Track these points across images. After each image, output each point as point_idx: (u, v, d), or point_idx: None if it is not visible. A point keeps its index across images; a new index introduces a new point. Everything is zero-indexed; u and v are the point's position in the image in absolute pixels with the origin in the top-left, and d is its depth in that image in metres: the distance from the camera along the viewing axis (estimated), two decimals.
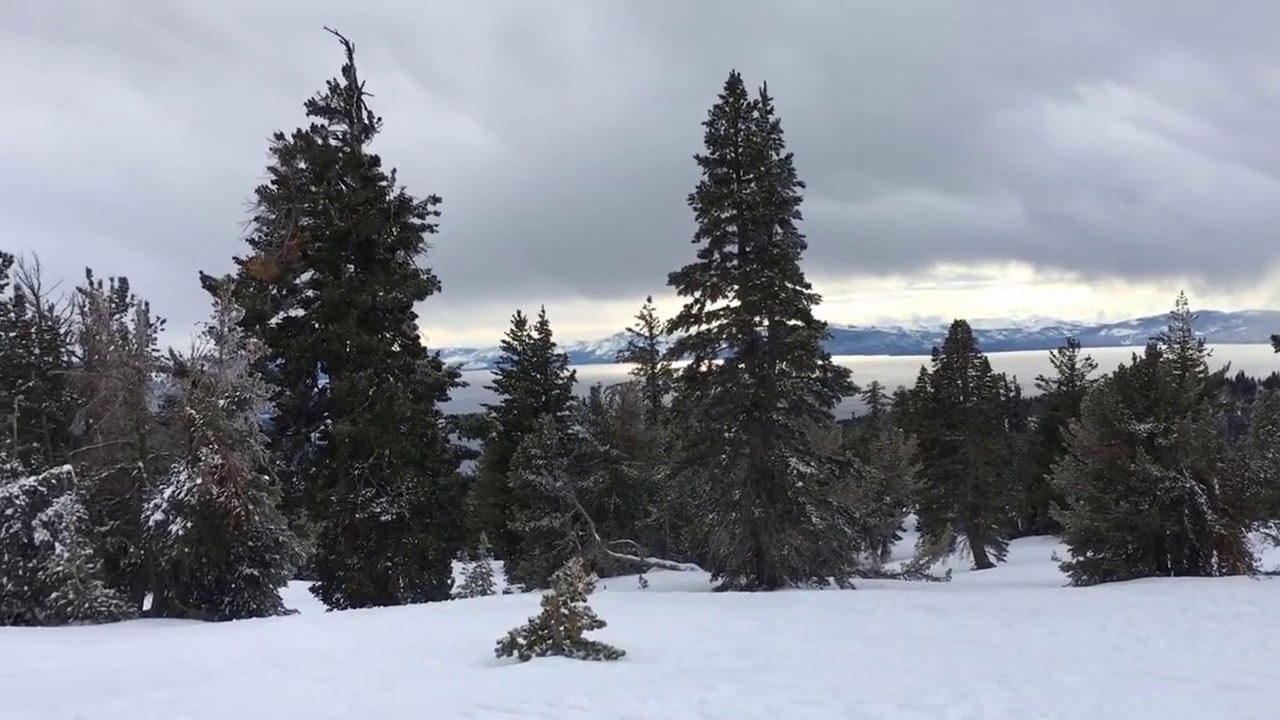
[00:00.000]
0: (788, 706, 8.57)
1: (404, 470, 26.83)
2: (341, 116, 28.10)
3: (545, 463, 32.82)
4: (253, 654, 12.75)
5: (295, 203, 27.34)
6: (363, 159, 28.03)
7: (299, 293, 28.21)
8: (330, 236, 27.38)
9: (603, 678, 10.08)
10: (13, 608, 18.79)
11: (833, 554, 23.66)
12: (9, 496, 18.87)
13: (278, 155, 27.61)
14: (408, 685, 10.26)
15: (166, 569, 20.56)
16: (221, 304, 22.09)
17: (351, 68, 28.08)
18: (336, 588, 27.04)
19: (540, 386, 43.76)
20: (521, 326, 44.58)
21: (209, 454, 19.83)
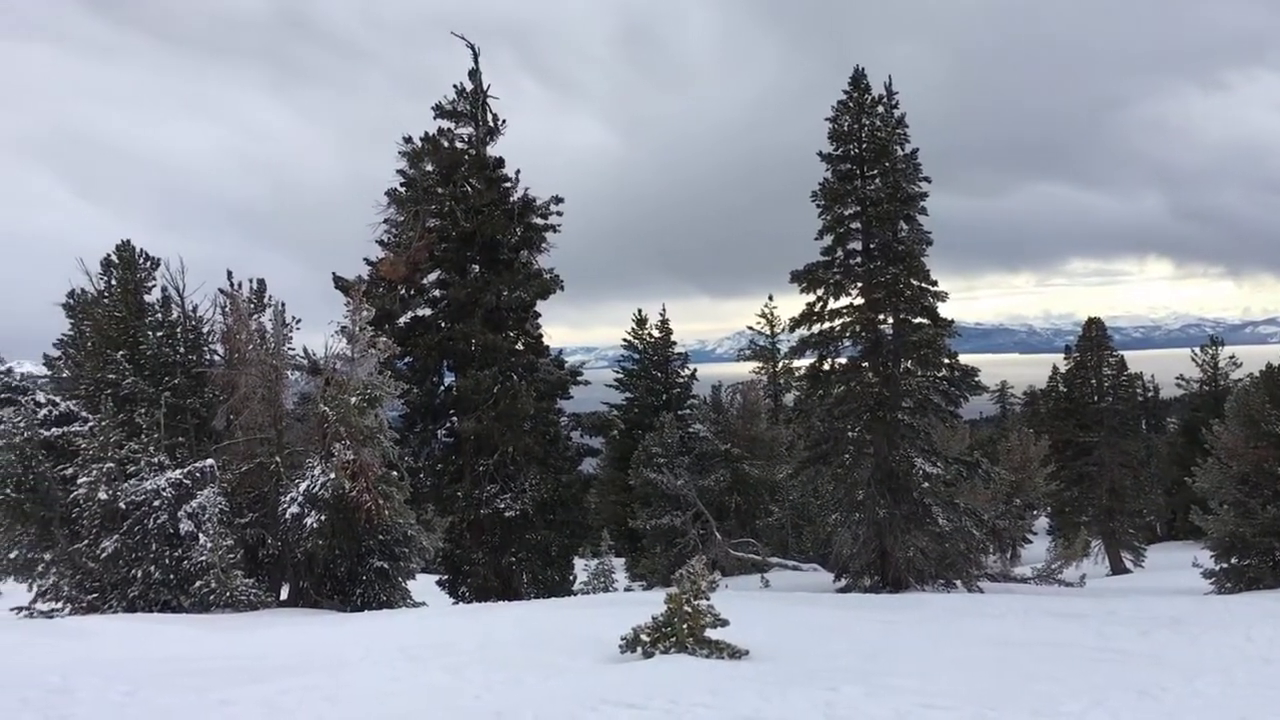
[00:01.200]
0: (915, 711, 8.41)
1: (527, 467, 27.18)
2: (467, 119, 28.63)
3: (666, 461, 32.88)
4: (384, 644, 13.07)
5: (423, 204, 27.97)
6: (487, 161, 28.50)
7: (426, 292, 28.83)
8: (456, 237, 27.91)
9: (726, 676, 10.04)
10: (160, 595, 19.67)
11: (960, 556, 23.14)
12: (157, 489, 19.73)
13: (406, 158, 28.29)
14: (534, 679, 10.38)
15: (302, 560, 21.24)
16: (353, 304, 22.70)
17: (477, 71, 28.58)
18: (462, 582, 27.58)
19: (661, 385, 43.85)
20: (642, 325, 44.74)
21: (341, 450, 20.40)
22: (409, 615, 18.98)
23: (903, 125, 23.33)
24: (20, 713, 8.92)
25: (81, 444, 20.88)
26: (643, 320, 44.86)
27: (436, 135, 28.40)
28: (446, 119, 28.60)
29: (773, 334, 51.34)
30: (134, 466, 20.29)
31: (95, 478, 19.91)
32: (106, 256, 25.46)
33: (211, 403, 24.08)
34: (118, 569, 19.73)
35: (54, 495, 20.80)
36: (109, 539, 19.67)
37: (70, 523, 20.58)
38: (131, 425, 21.40)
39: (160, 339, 24.07)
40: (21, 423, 21.40)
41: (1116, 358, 47.71)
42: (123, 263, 24.89)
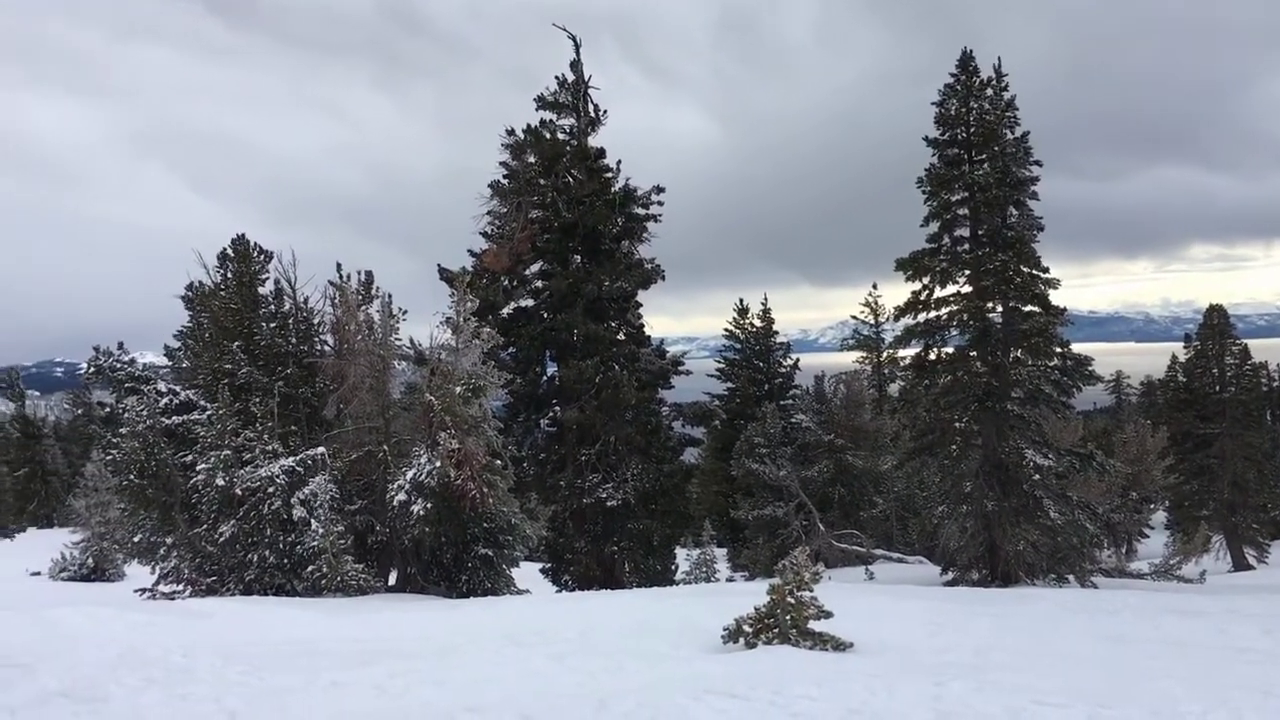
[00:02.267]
0: (1028, 708, 8.17)
1: (629, 457, 27.26)
2: (569, 111, 28.79)
3: (768, 451, 32.66)
4: (489, 631, 13.24)
5: (525, 196, 28.22)
6: (589, 151, 28.61)
7: (529, 283, 29.09)
8: (558, 228, 28.10)
9: (831, 668, 9.90)
10: (274, 578, 20.26)
11: (1073, 551, 22.49)
12: (271, 476, 20.30)
13: (509, 150, 28.58)
14: (636, 667, 10.39)
15: (409, 547, 21.65)
16: (457, 295, 23.02)
17: (578, 62, 28.71)
18: (565, 570, 27.81)
19: (763, 374, 43.57)
20: (744, 314, 44.50)
21: (447, 439, 20.71)
22: (513, 602, 19.19)
23: (1013, 108, 22.71)
24: (144, 690, 9.25)
25: (200, 432, 21.60)
26: (744, 309, 44.62)
27: (539, 127, 28.61)
28: (548, 110, 28.79)
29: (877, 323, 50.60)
30: (249, 454, 20.91)
31: (213, 464, 20.57)
32: (223, 250, 26.25)
33: (322, 392, 24.69)
34: (234, 553, 20.38)
35: (175, 481, 21.57)
36: (226, 524, 20.32)
37: (190, 508, 21.32)
38: (247, 414, 22.05)
39: (273, 330, 24.74)
40: (144, 411, 22.23)
41: (1240, 346, 45.82)
42: (238, 256, 25.64)
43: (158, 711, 8.48)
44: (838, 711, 8.03)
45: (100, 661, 10.49)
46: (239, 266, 25.52)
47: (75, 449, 65.39)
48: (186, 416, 23.23)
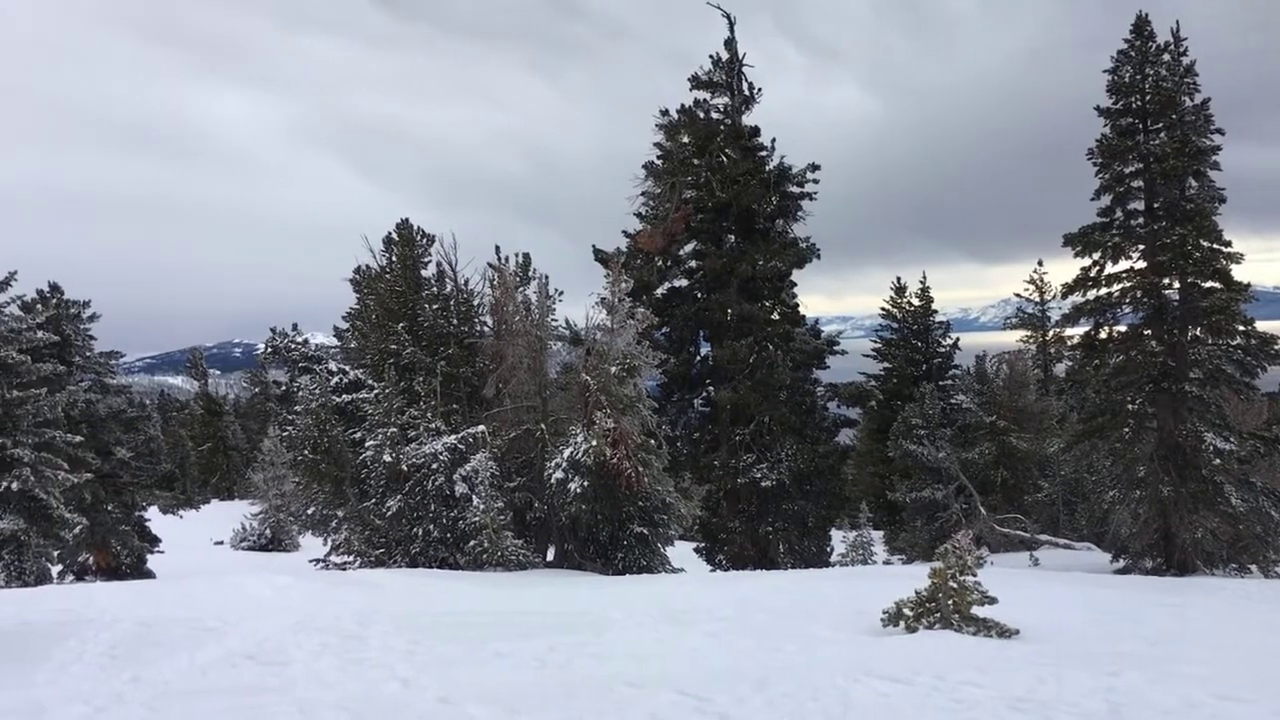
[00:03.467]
0: (1206, 701, 7.77)
1: (783, 437, 27.07)
2: (723, 90, 28.64)
3: (927, 433, 31.93)
4: (646, 607, 13.36)
5: (679, 176, 28.24)
6: (743, 130, 28.43)
7: (683, 263, 29.14)
8: (712, 208, 28.03)
9: (995, 655, 9.63)
10: (438, 552, 20.95)
11: (1256, 539, 21.29)
12: (434, 453, 20.96)
13: (663, 131, 28.64)
14: (794, 648, 10.32)
15: (566, 524, 22.05)
16: (612, 276, 23.26)
17: (733, 40, 28.52)
18: (719, 549, 27.85)
19: (921, 355, 42.55)
20: (901, 293, 43.51)
21: (603, 418, 20.97)
22: (669, 580, 19.33)
23: (1192, 74, 21.50)
24: (321, 655, 9.70)
25: (368, 409, 22.48)
26: (902, 288, 43.64)
27: (692, 107, 28.58)
28: (702, 90, 28.71)
29: (1042, 300, 48.79)
30: (414, 431, 21.64)
31: (381, 441, 21.38)
32: (388, 234, 27.17)
33: (482, 371, 25.35)
34: (401, 527, 21.14)
35: (345, 457, 22.51)
36: (393, 498, 21.10)
37: (359, 483, 22.22)
38: (411, 392, 22.82)
39: (436, 311, 25.51)
40: (316, 390, 23.24)
41: None
42: (402, 240, 26.49)
43: (335, 676, 8.87)
44: (1003, 699, 7.80)
45: (281, 627, 11.04)
46: (403, 250, 26.39)
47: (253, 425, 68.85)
48: (355, 395, 24.21)
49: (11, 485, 21.82)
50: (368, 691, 8.30)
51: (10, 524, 21.84)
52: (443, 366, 24.21)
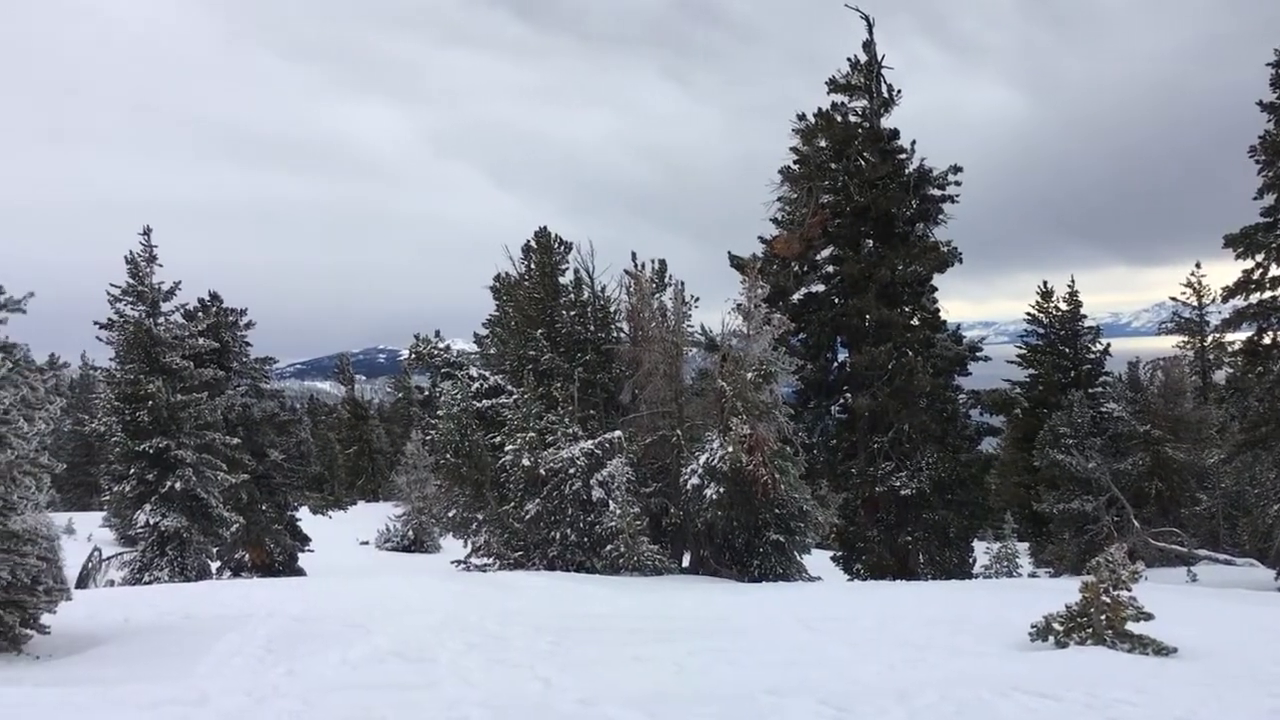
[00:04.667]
0: None
1: (924, 445, 26.51)
2: (861, 92, 28.26)
3: (1075, 442, 30.82)
4: (783, 615, 13.25)
5: (816, 181, 27.98)
6: (881, 133, 27.99)
7: (819, 269, 28.85)
8: (850, 212, 27.69)
9: (1152, 674, 9.22)
10: (575, 555, 21.18)
11: None
12: (572, 457, 21.20)
13: (799, 135, 28.41)
14: (936, 659, 10.10)
15: (701, 530, 22.03)
16: (748, 281, 23.14)
17: (871, 43, 28.12)
18: (856, 558, 27.42)
19: (1069, 361, 41.10)
20: (1048, 298, 42.11)
21: (739, 424, 20.88)
22: (806, 588, 19.14)
23: None
24: (465, 654, 9.90)
25: (507, 414, 22.89)
26: (1048, 292, 42.24)
27: (829, 110, 28.28)
28: (840, 93, 28.39)
29: (1200, 305, 46.60)
30: (552, 436, 21.93)
31: (519, 446, 21.74)
32: (526, 242, 27.66)
33: (618, 377, 25.57)
34: (539, 530, 21.45)
35: (485, 461, 22.97)
36: (531, 502, 21.43)
37: (499, 486, 22.65)
38: (549, 398, 23.14)
39: (573, 318, 25.84)
40: (458, 395, 23.79)
41: None
42: (540, 247, 26.94)
43: (479, 675, 9.06)
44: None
45: (426, 626, 11.33)
46: (541, 257, 26.82)
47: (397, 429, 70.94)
48: (495, 400, 24.70)
49: (175, 485, 22.97)
50: (510, 691, 8.45)
51: (174, 521, 22.99)
52: (580, 372, 24.49)
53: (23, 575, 10.57)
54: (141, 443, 23.13)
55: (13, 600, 10.59)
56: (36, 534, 10.98)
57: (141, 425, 23.26)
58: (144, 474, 23.36)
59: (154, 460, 23.27)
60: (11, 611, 10.62)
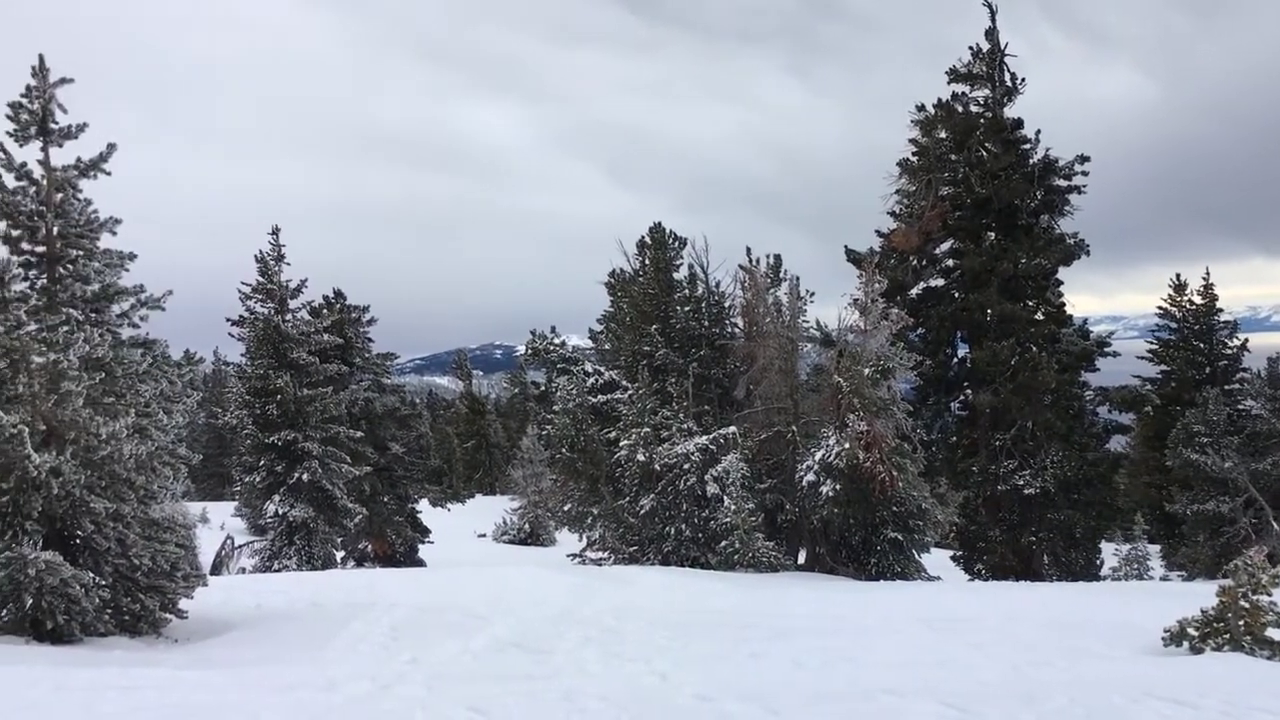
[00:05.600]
0: None
1: (1048, 443, 25.76)
2: (983, 81, 27.58)
3: (1211, 441, 29.56)
4: (901, 614, 13.03)
5: (935, 173, 27.42)
6: (1004, 123, 27.28)
7: (939, 262, 28.29)
8: (971, 204, 27.06)
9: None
10: (689, 551, 21.19)
11: None
12: (686, 453, 21.21)
13: (918, 127, 27.88)
14: (1063, 663, 9.80)
15: (818, 527, 21.82)
16: (865, 276, 22.83)
17: (994, 30, 27.41)
18: (977, 558, 26.80)
19: (1204, 356, 39.51)
20: (1181, 290, 40.56)
21: (855, 420, 20.63)
22: (925, 588, 18.80)
23: None
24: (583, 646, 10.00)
25: (622, 410, 23.03)
26: (1182, 285, 40.67)
27: (950, 100, 27.68)
28: (961, 83, 27.77)
29: None
30: (667, 431, 21.97)
31: (634, 441, 21.84)
32: (641, 238, 27.75)
33: (733, 373, 25.49)
34: (653, 525, 21.52)
35: (600, 456, 23.15)
36: (646, 497, 21.52)
37: (614, 481, 22.80)
38: (664, 393, 23.19)
39: (688, 313, 25.86)
40: (573, 390, 24.02)
41: None
42: (655, 243, 27.00)
43: (597, 668, 9.13)
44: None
45: (543, 618, 11.47)
46: (656, 253, 26.88)
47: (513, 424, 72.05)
48: (610, 395, 24.88)
49: (303, 476, 23.73)
50: (628, 684, 8.48)
51: (302, 512, 23.76)
52: (695, 368, 24.49)
53: (162, 562, 11.05)
54: (270, 435, 23.97)
55: (154, 585, 11.07)
56: (174, 522, 11.46)
57: (270, 418, 24.10)
58: (273, 465, 24.19)
59: (282, 452, 24.08)
60: (152, 596, 11.09)
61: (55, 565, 9.90)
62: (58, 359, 10.40)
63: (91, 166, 11.55)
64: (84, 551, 10.73)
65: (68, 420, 10.47)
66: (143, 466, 11.15)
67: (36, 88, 11.28)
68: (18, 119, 11.21)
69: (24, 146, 11.36)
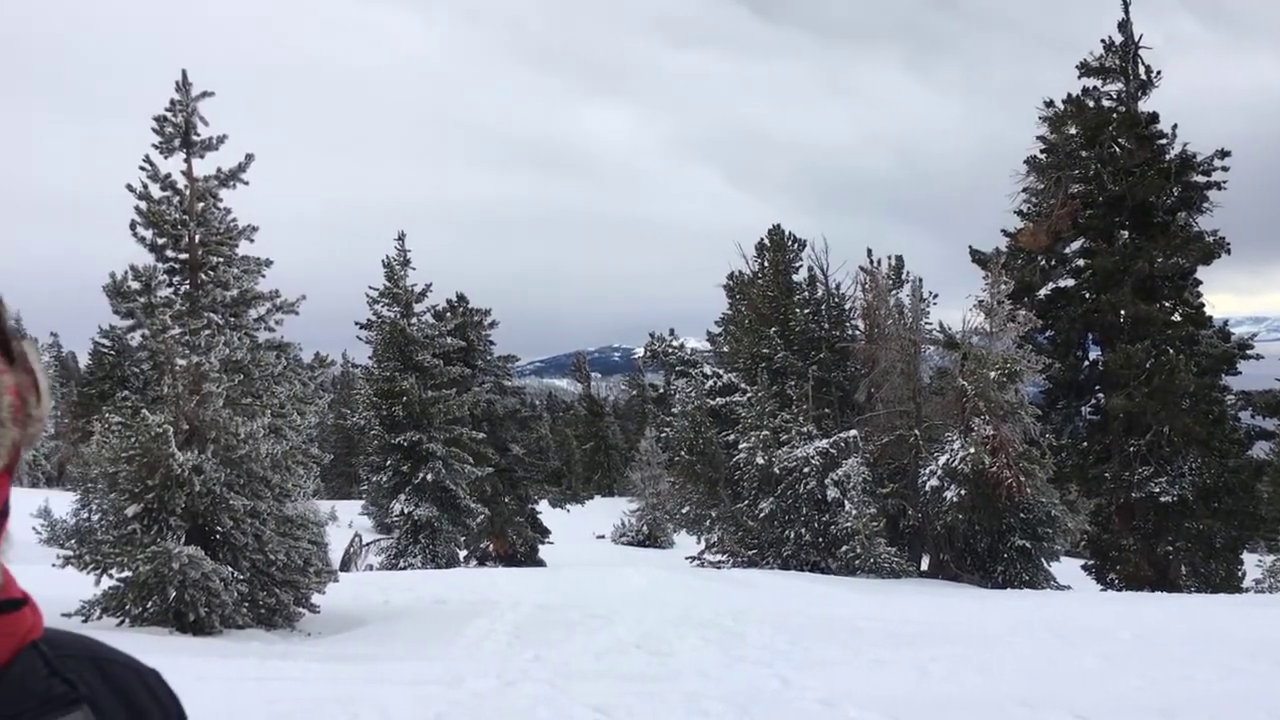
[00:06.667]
0: None
1: (1186, 449, 24.74)
2: (1116, 75, 26.67)
3: None
4: (1030, 623, 12.66)
5: (1065, 170, 26.63)
6: (1138, 117, 26.32)
7: (1069, 262, 27.46)
8: (1102, 202, 26.19)
9: None
10: (809, 555, 21.01)
11: None
12: (806, 457, 21.05)
13: (1046, 123, 27.11)
14: (1205, 677, 9.37)
15: (941, 533, 21.41)
16: (991, 277, 22.34)
17: (1127, 22, 26.50)
18: (1110, 568, 25.89)
19: None
20: None
21: (980, 424, 20.20)
22: (1055, 597, 18.27)
23: None
24: (703, 648, 9.99)
25: (741, 413, 22.97)
26: None
27: (1080, 95, 26.83)
28: (1092, 77, 26.89)
29: None
30: (785, 435, 21.84)
31: (753, 444, 21.77)
32: (759, 241, 27.67)
33: (853, 376, 25.20)
34: (773, 529, 21.41)
35: (719, 459, 23.13)
36: (765, 501, 21.42)
37: (732, 484, 22.76)
38: (783, 396, 23.06)
39: (807, 316, 25.67)
40: (692, 393, 24.06)
41: None
42: (774, 245, 26.89)
43: (718, 671, 9.10)
44: None
45: (663, 619, 11.49)
46: (775, 255, 26.78)
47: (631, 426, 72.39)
48: (729, 398, 24.84)
49: (427, 476, 24.29)
50: (749, 687, 8.43)
51: (426, 511, 24.31)
52: (814, 371, 24.30)
53: (296, 557, 11.43)
54: (396, 436, 24.59)
55: (288, 580, 11.46)
56: (307, 519, 11.86)
57: (396, 419, 24.72)
58: (399, 465, 24.82)
59: (408, 453, 24.69)
60: (287, 591, 11.49)
61: (197, 559, 10.33)
62: (200, 361, 10.85)
63: (231, 176, 12.04)
64: (223, 547, 11.16)
65: (209, 420, 10.91)
66: (278, 465, 11.56)
67: (180, 101, 11.80)
68: (162, 132, 11.75)
69: (168, 158, 11.90)
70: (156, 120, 11.71)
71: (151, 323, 11.05)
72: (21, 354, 0.67)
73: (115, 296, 11.43)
